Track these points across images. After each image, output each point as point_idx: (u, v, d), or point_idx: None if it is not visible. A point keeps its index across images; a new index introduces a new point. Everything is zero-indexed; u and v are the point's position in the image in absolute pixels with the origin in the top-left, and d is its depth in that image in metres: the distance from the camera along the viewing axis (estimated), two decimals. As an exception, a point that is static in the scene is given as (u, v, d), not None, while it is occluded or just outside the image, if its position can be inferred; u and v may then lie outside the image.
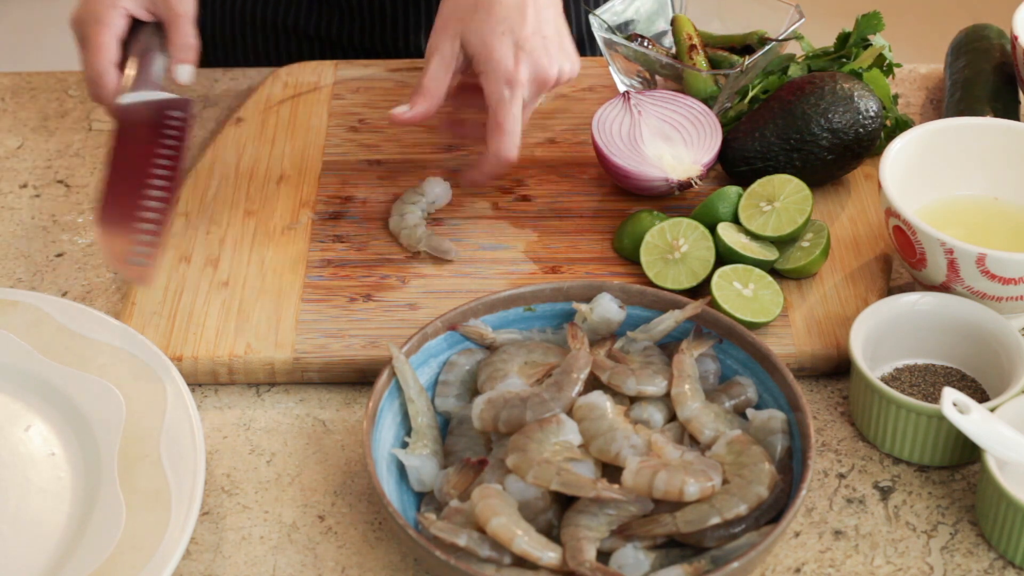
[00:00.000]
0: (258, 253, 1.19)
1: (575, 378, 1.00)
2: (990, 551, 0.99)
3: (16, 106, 1.38)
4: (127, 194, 1.12)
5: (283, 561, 0.99)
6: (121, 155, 1.15)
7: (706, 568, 0.91)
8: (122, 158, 1.14)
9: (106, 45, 1.17)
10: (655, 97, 1.25)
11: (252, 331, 1.12)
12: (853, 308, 1.12)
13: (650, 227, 1.16)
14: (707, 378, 1.03)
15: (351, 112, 1.34)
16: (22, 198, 1.28)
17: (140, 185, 1.12)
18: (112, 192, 1.12)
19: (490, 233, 1.21)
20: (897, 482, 1.03)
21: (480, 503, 0.92)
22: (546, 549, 0.91)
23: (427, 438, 1.00)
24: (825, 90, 1.20)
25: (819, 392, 1.10)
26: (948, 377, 1.08)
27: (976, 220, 1.16)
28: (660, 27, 1.34)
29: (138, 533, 0.96)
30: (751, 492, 0.93)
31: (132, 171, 1.13)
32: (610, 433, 0.96)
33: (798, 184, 1.16)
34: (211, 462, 1.05)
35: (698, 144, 1.21)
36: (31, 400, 1.06)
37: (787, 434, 0.98)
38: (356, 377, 1.10)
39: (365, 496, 1.03)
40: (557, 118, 1.33)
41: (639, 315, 1.06)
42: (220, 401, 1.10)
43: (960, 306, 1.07)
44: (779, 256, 1.15)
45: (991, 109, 1.26)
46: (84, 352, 1.08)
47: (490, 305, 1.06)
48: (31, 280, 1.20)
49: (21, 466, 1.02)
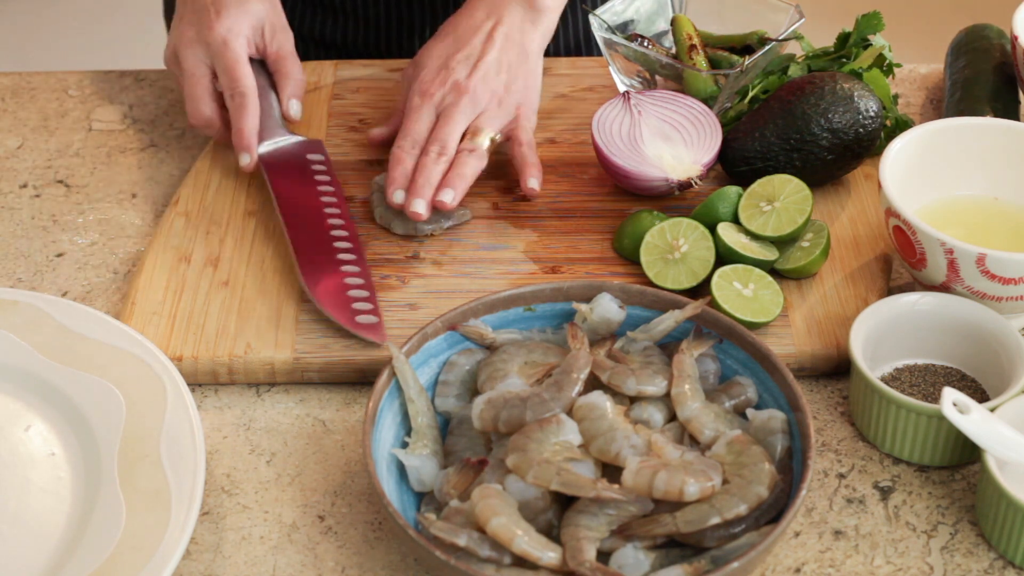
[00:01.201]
0: (258, 253, 1.19)
1: (575, 378, 1.00)
2: (990, 551, 0.99)
3: (16, 106, 1.38)
4: (323, 259, 1.14)
5: (283, 561, 0.99)
6: (292, 215, 1.18)
7: (706, 568, 0.91)
8: (295, 218, 1.17)
9: (252, 108, 1.22)
10: (655, 97, 1.25)
11: (252, 331, 1.12)
12: (853, 308, 1.12)
13: (650, 227, 1.16)
14: (707, 378, 1.03)
15: (351, 112, 1.34)
16: (22, 198, 1.28)
17: (329, 247, 1.16)
18: (308, 262, 1.14)
19: (490, 233, 1.21)
20: (897, 482, 1.03)
21: (480, 503, 0.92)
22: (546, 549, 0.91)
23: (427, 438, 1.00)
24: (825, 90, 1.20)
25: (819, 392, 1.10)
26: (948, 377, 1.08)
27: (976, 220, 1.16)
28: (660, 27, 1.34)
29: (138, 533, 0.95)
30: (751, 492, 0.93)
31: (315, 233, 1.17)
32: (610, 433, 0.96)
33: (798, 184, 1.16)
34: (211, 462, 1.05)
35: (698, 144, 1.21)
36: (31, 400, 1.06)
37: (787, 434, 0.98)
38: (356, 377, 1.10)
39: (365, 496, 1.03)
40: (557, 118, 1.33)
41: (639, 315, 1.06)
42: (220, 401, 1.10)
43: (960, 306, 1.07)
44: (779, 256, 1.15)
45: (991, 109, 1.26)
46: (84, 352, 1.07)
47: (490, 305, 1.06)
48: (31, 280, 1.20)
49: (21, 466, 1.02)
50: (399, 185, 1.18)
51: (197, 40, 1.23)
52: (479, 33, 1.24)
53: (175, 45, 1.25)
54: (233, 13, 1.23)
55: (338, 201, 1.21)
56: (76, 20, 3.36)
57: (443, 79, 1.22)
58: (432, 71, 1.23)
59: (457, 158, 1.20)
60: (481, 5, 1.26)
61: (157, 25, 2.11)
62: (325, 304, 1.11)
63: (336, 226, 1.18)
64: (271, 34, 1.25)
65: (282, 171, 1.22)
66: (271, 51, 1.26)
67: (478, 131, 1.21)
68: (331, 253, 1.16)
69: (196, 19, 1.24)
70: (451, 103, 1.21)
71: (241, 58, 1.22)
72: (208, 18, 1.22)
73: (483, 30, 1.24)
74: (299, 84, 1.26)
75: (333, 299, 1.12)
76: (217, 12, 1.23)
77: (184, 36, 1.24)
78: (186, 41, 1.24)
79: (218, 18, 1.22)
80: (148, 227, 1.24)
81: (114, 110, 1.37)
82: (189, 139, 1.33)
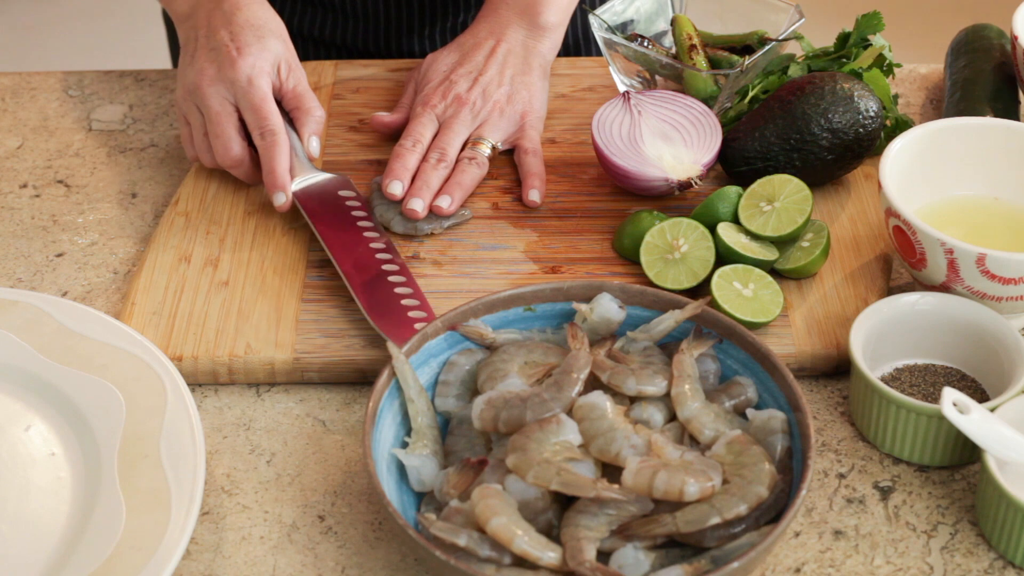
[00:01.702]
0: (258, 253, 1.19)
1: (575, 378, 1.00)
2: (990, 551, 0.99)
3: (16, 106, 1.38)
4: (383, 295, 1.11)
5: (283, 561, 0.99)
6: (342, 253, 1.15)
7: (706, 568, 0.91)
8: (345, 256, 1.15)
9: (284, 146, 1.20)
10: (655, 97, 1.25)
11: (252, 331, 1.12)
12: (853, 308, 1.12)
13: (650, 227, 1.16)
14: (707, 378, 1.03)
15: (351, 112, 1.34)
16: (22, 198, 1.28)
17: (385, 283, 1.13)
18: (369, 299, 1.11)
19: (490, 233, 1.21)
20: (897, 482, 1.03)
21: (480, 503, 0.92)
22: (546, 549, 0.91)
23: (427, 438, 1.00)
24: (825, 90, 1.20)
25: (819, 392, 1.10)
26: (948, 377, 1.08)
27: (976, 220, 1.16)
28: (660, 27, 1.34)
29: (138, 533, 0.95)
30: (751, 492, 0.93)
31: (365, 271, 1.13)
32: (610, 433, 0.96)
33: (798, 184, 1.16)
34: (211, 462, 1.05)
35: (698, 144, 1.21)
36: (31, 400, 1.06)
37: (787, 434, 0.98)
38: (356, 377, 1.10)
39: (365, 496, 1.03)
40: (557, 118, 1.33)
41: (639, 315, 1.06)
42: (220, 401, 1.10)
43: (960, 306, 1.07)
44: (779, 256, 1.15)
45: (991, 109, 1.26)
46: (84, 352, 1.08)
47: (490, 305, 1.06)
48: (31, 280, 1.20)
49: (21, 466, 1.02)
50: (397, 177, 1.18)
51: (219, 79, 1.20)
52: (482, 49, 1.27)
53: (194, 83, 1.21)
54: (255, 51, 1.20)
55: (379, 234, 1.18)
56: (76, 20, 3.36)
57: (444, 91, 1.25)
58: (435, 83, 1.25)
59: (457, 166, 1.22)
60: (484, 25, 1.29)
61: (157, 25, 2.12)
62: (394, 336, 1.08)
63: (385, 259, 1.15)
64: (287, 72, 1.23)
65: (319, 209, 1.20)
66: (287, 88, 1.23)
67: (479, 140, 1.24)
68: (388, 286, 1.13)
69: (215, 56, 1.20)
70: (452, 115, 1.24)
71: (268, 96, 1.20)
72: (229, 56, 1.19)
73: (485, 47, 1.27)
74: (319, 121, 1.22)
75: (401, 330, 1.09)
76: (239, 50, 1.20)
77: (205, 74, 1.20)
78: (208, 80, 1.20)
79: (240, 56, 1.19)
80: (148, 227, 1.24)
81: (114, 110, 1.37)
82: (189, 139, 1.33)
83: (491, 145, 1.23)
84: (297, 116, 1.22)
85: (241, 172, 1.22)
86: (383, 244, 1.17)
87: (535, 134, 1.26)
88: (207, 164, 1.24)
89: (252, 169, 1.22)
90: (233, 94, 1.20)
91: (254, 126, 1.20)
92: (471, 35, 1.30)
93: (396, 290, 1.12)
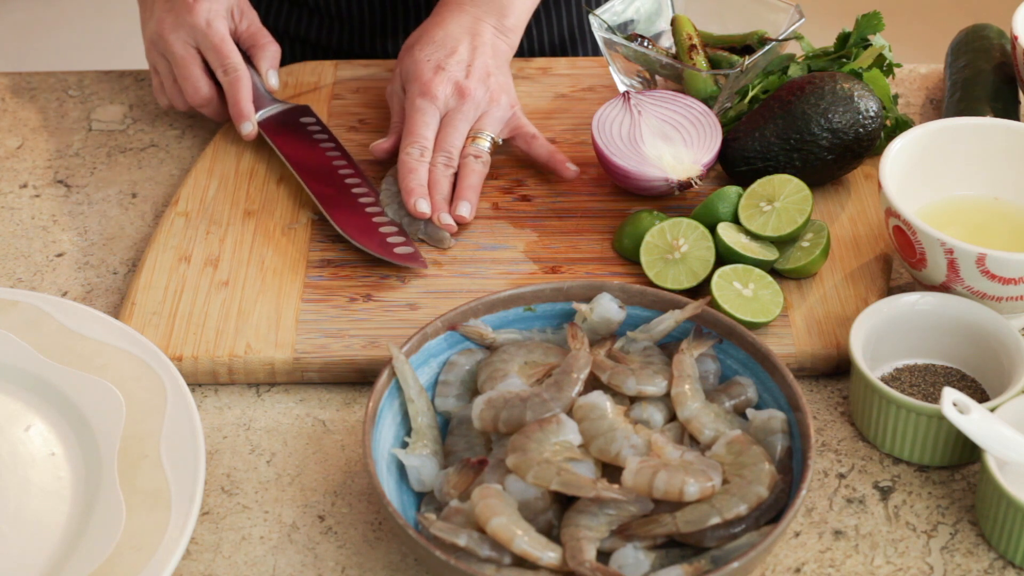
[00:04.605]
0: (258, 253, 1.19)
1: (575, 378, 1.00)
2: (990, 551, 0.99)
3: (16, 106, 1.38)
4: (346, 201, 1.22)
5: (283, 561, 0.99)
6: (305, 169, 1.24)
7: (706, 568, 0.91)
8: (309, 171, 1.24)
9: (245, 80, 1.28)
10: (655, 97, 1.25)
11: (252, 331, 1.12)
12: (853, 308, 1.12)
13: (650, 227, 1.16)
14: (707, 378, 1.03)
15: (351, 112, 1.34)
16: (22, 198, 1.28)
17: (348, 192, 1.23)
18: (334, 207, 1.21)
19: (490, 233, 1.21)
20: (897, 482, 1.03)
21: (480, 503, 0.92)
22: (546, 549, 0.91)
23: (427, 438, 1.00)
24: (825, 90, 1.20)
25: (819, 392, 1.10)
26: (948, 377, 1.08)
27: (976, 220, 1.16)
28: (660, 27, 1.34)
29: (138, 533, 0.95)
30: (751, 492, 0.93)
31: (331, 181, 1.24)
32: (610, 433, 0.96)
33: (798, 184, 1.16)
34: (211, 462, 1.05)
35: (698, 144, 1.21)
36: (31, 400, 1.06)
37: (787, 434, 0.98)
38: (356, 377, 1.10)
39: (365, 496, 1.03)
40: (557, 118, 1.33)
41: (639, 315, 1.06)
42: (220, 401, 1.10)
43: (960, 306, 1.07)
44: (779, 256, 1.15)
45: (991, 109, 1.26)
46: (84, 352, 1.08)
47: (490, 305, 1.06)
48: (31, 280, 1.20)
49: (21, 466, 1.02)
50: (419, 195, 1.19)
51: (179, 24, 1.27)
52: (463, 41, 1.27)
53: (157, 32, 1.28)
54: None
55: (341, 153, 1.27)
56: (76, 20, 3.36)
57: (442, 79, 1.24)
58: (428, 72, 1.24)
59: (463, 167, 1.22)
60: (453, 21, 1.29)
61: (157, 25, 2.11)
62: (363, 241, 1.17)
63: (348, 175, 1.24)
64: (239, 15, 1.31)
65: (282, 134, 1.28)
66: (242, 29, 1.31)
67: (479, 134, 1.24)
68: (352, 197, 1.22)
69: (171, 7, 1.28)
70: (455, 107, 1.24)
71: (227, 36, 1.28)
72: (186, 3, 1.27)
73: (465, 40, 1.27)
74: (275, 55, 1.31)
75: (368, 236, 1.18)
76: None
77: (164, 23, 1.28)
78: (168, 27, 1.27)
79: (196, 2, 1.27)
80: (148, 227, 1.24)
81: (114, 110, 1.37)
82: (189, 139, 1.34)
83: (490, 138, 1.24)
84: (254, 53, 1.31)
85: (210, 110, 1.30)
86: (344, 161, 1.26)
87: (528, 122, 1.27)
88: (180, 108, 1.31)
89: (220, 107, 1.30)
90: (194, 38, 1.28)
91: (217, 65, 1.28)
92: (440, 28, 1.28)
93: (360, 200, 1.21)
